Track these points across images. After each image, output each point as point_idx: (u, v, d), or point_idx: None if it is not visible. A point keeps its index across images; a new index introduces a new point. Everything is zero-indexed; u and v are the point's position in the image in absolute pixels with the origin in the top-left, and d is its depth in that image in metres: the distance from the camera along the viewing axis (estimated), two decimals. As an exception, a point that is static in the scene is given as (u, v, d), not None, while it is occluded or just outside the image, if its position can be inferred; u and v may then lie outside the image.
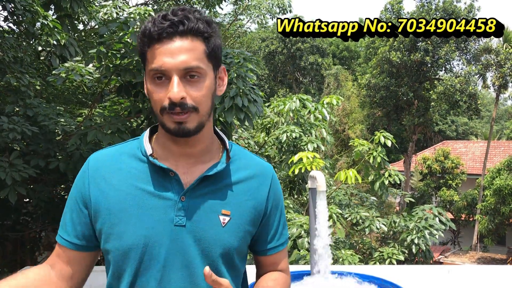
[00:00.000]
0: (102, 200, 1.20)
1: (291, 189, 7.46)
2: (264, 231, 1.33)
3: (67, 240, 1.24)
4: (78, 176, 1.27)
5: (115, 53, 4.06)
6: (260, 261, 1.38)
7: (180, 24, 1.11)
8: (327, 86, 30.05)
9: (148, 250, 1.16)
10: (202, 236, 1.18)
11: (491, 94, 38.40)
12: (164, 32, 1.10)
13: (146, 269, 1.16)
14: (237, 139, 7.84)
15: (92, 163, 1.25)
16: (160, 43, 1.11)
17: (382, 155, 6.69)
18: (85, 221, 1.23)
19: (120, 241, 1.16)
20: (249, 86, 4.26)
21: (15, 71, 4.54)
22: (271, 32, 35.22)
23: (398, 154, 31.96)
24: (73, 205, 1.24)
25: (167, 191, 1.18)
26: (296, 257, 5.45)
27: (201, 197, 1.20)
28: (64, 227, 1.25)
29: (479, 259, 21.57)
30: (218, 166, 1.23)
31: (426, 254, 6.88)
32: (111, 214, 1.18)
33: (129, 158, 1.24)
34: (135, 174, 1.21)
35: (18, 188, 3.89)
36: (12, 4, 4.42)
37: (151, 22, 1.13)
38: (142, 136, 1.28)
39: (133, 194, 1.19)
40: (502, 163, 20.05)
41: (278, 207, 1.35)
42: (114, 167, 1.23)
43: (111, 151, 1.28)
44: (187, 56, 1.11)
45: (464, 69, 22.62)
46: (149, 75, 1.14)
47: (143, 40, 1.14)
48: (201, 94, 1.14)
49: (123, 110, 4.77)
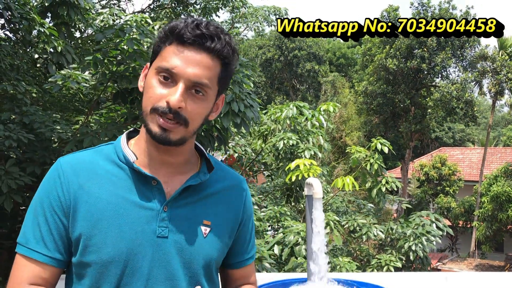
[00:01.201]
0: (79, 208, 1.11)
1: (288, 196, 7.44)
2: (238, 243, 1.31)
3: (49, 256, 1.11)
4: (50, 181, 1.14)
5: (112, 60, 4.06)
6: (231, 274, 1.35)
7: (210, 39, 1.09)
8: (324, 93, 30.15)
9: (130, 264, 1.10)
10: (185, 247, 1.15)
11: (487, 101, 38.60)
12: (192, 39, 1.08)
13: (128, 283, 1.10)
14: (234, 146, 7.83)
15: (66, 167, 1.15)
16: (183, 47, 1.09)
17: (379, 162, 6.69)
18: (64, 233, 1.12)
19: (100, 253, 1.09)
20: (245, 92, 4.26)
21: (11, 79, 4.54)
22: (267, 40, 35.37)
23: (395, 161, 32.00)
24: (49, 214, 1.11)
25: (149, 201, 1.13)
26: (293, 265, 5.43)
27: (183, 207, 1.17)
28: (41, 240, 1.11)
29: (477, 266, 21.54)
30: (201, 176, 1.21)
31: (424, 260, 6.87)
32: (89, 224, 1.10)
33: (107, 163, 1.16)
34: (115, 181, 1.14)
35: (14, 196, 3.87)
36: (9, 12, 4.43)
37: (182, 23, 1.10)
38: (119, 141, 1.21)
39: (113, 202, 1.11)
40: (499, 169, 20.12)
41: (250, 219, 1.34)
42: (91, 173, 1.14)
43: (84, 156, 1.19)
44: (202, 71, 1.09)
45: (460, 76, 22.74)
46: (156, 71, 1.10)
47: (167, 35, 1.11)
48: (198, 111, 1.12)
49: (119, 117, 4.76)
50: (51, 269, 1.12)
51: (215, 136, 4.47)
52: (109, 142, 1.25)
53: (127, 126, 4.53)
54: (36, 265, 1.11)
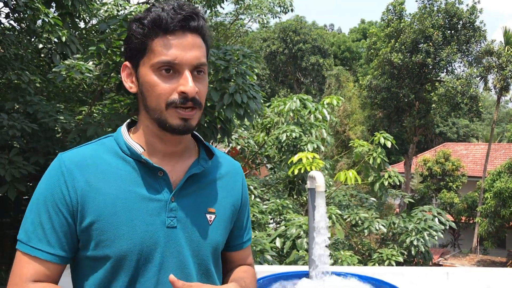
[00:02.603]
0: (88, 205, 1.10)
1: (290, 189, 7.45)
2: (237, 226, 1.35)
3: (53, 254, 1.10)
4: (53, 178, 1.12)
5: (115, 50, 4.05)
6: (230, 257, 1.38)
7: (191, 19, 1.10)
8: (328, 86, 30.07)
9: (144, 255, 1.12)
10: (193, 236, 1.17)
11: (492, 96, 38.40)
12: (178, 24, 1.09)
13: (141, 274, 1.12)
14: (237, 139, 7.83)
15: (69, 164, 1.13)
16: (171, 35, 1.09)
17: (382, 156, 6.68)
18: (69, 229, 1.11)
19: (114, 248, 1.10)
20: (248, 83, 4.26)
21: (15, 68, 4.54)
22: (272, 32, 35.26)
23: (398, 156, 31.95)
24: (53, 212, 1.10)
25: (157, 192, 1.15)
26: (295, 258, 5.44)
27: (188, 196, 1.19)
28: (44, 238, 1.10)
29: (478, 262, 21.54)
30: (203, 163, 1.22)
31: (426, 255, 6.87)
32: (101, 220, 1.10)
33: (110, 157, 1.16)
34: (122, 175, 1.14)
35: (18, 185, 3.89)
36: (14, 1, 4.42)
37: (161, 12, 1.09)
38: (119, 133, 1.20)
39: (122, 197, 1.12)
40: (503, 165, 20.04)
41: (247, 203, 1.38)
42: (96, 168, 1.13)
43: (86, 150, 1.17)
44: (198, 52, 1.11)
45: (465, 71, 22.60)
46: (154, 67, 1.09)
47: (153, 28, 1.09)
48: (204, 90, 1.16)
49: (123, 108, 4.77)
50: (54, 266, 1.11)
51: (218, 128, 4.47)
52: (107, 134, 1.23)
53: (131, 116, 4.54)
54: (39, 263, 1.10)
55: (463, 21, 22.51)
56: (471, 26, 22.49)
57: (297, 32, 34.68)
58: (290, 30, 34.75)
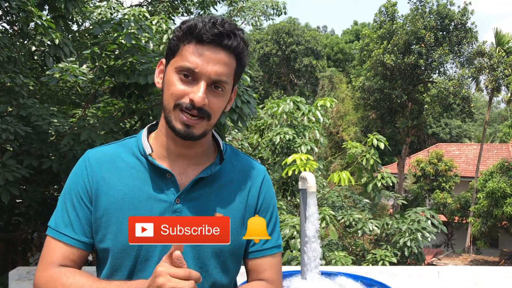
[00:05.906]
0: (100, 197, 1.20)
1: (284, 190, 7.47)
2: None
3: (77, 240, 1.21)
4: (78, 172, 1.25)
5: (109, 54, 4.06)
6: (246, 264, 1.34)
7: (227, 37, 1.14)
8: (322, 88, 30.15)
9: (143, 252, 1.17)
10: None
11: (484, 97, 38.65)
12: (211, 38, 1.13)
13: (141, 270, 1.18)
14: (230, 141, 7.85)
15: (92, 159, 1.25)
16: (202, 45, 1.13)
17: (375, 157, 6.72)
18: (89, 217, 1.21)
19: (115, 242, 1.17)
20: (242, 88, 4.27)
21: (9, 71, 4.53)
22: (265, 34, 35.31)
23: (392, 157, 32.07)
24: (76, 201, 1.22)
25: (162, 193, 1.20)
26: (288, 258, 5.47)
27: (195, 200, 1.21)
28: (70, 225, 1.21)
29: (472, 262, 21.66)
30: (212, 168, 1.25)
31: (418, 256, 6.92)
32: (108, 213, 1.18)
33: (128, 156, 1.25)
34: (133, 173, 1.22)
35: (11, 188, 3.88)
36: (7, 3, 4.41)
37: (200, 22, 1.14)
38: (140, 134, 1.29)
39: (129, 194, 1.19)
40: (495, 165, 20.18)
41: (268, 209, 1.32)
42: (112, 165, 1.23)
43: (109, 149, 1.28)
44: (221, 69, 1.14)
45: (457, 72, 22.76)
46: (177, 69, 1.15)
47: (186, 34, 1.15)
48: (219, 106, 1.19)
49: (116, 111, 4.77)
50: (78, 251, 1.21)
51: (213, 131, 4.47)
52: (134, 135, 1.33)
53: (124, 120, 4.54)
54: (65, 248, 1.20)
55: (454, 23, 22.68)
56: (462, 28, 22.66)
57: (290, 34, 34.75)
58: (283, 32, 34.82)
